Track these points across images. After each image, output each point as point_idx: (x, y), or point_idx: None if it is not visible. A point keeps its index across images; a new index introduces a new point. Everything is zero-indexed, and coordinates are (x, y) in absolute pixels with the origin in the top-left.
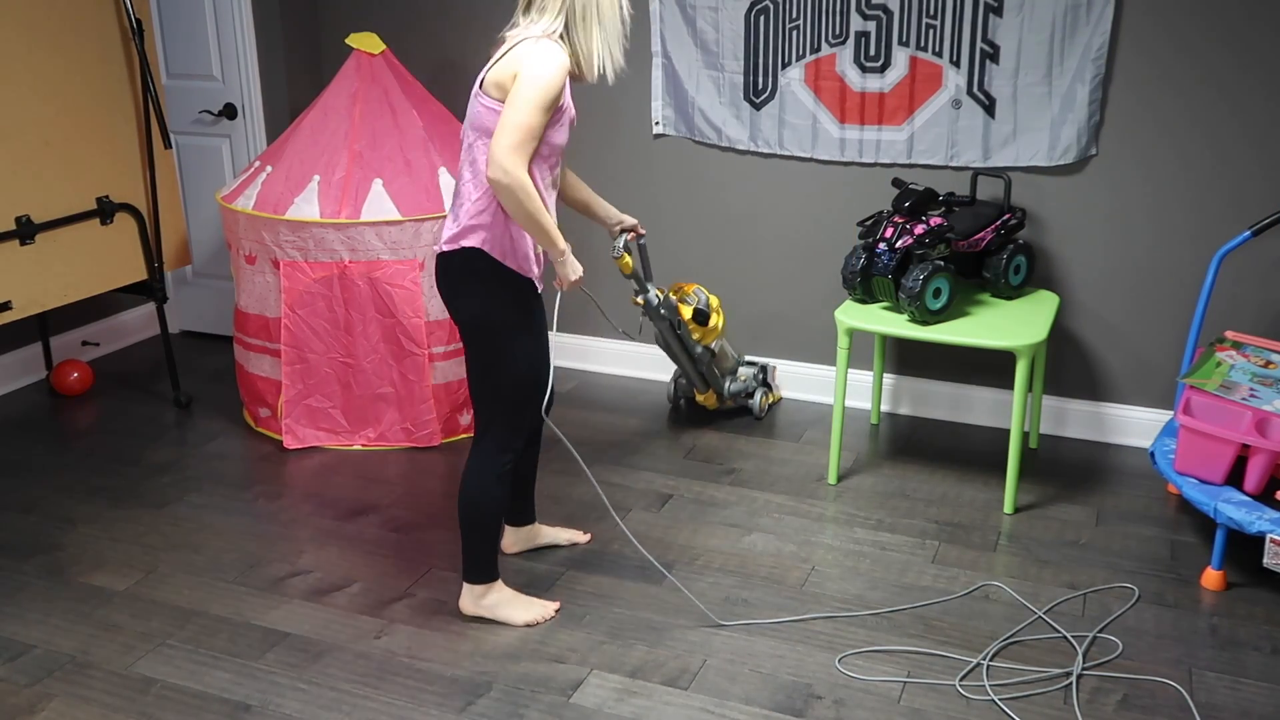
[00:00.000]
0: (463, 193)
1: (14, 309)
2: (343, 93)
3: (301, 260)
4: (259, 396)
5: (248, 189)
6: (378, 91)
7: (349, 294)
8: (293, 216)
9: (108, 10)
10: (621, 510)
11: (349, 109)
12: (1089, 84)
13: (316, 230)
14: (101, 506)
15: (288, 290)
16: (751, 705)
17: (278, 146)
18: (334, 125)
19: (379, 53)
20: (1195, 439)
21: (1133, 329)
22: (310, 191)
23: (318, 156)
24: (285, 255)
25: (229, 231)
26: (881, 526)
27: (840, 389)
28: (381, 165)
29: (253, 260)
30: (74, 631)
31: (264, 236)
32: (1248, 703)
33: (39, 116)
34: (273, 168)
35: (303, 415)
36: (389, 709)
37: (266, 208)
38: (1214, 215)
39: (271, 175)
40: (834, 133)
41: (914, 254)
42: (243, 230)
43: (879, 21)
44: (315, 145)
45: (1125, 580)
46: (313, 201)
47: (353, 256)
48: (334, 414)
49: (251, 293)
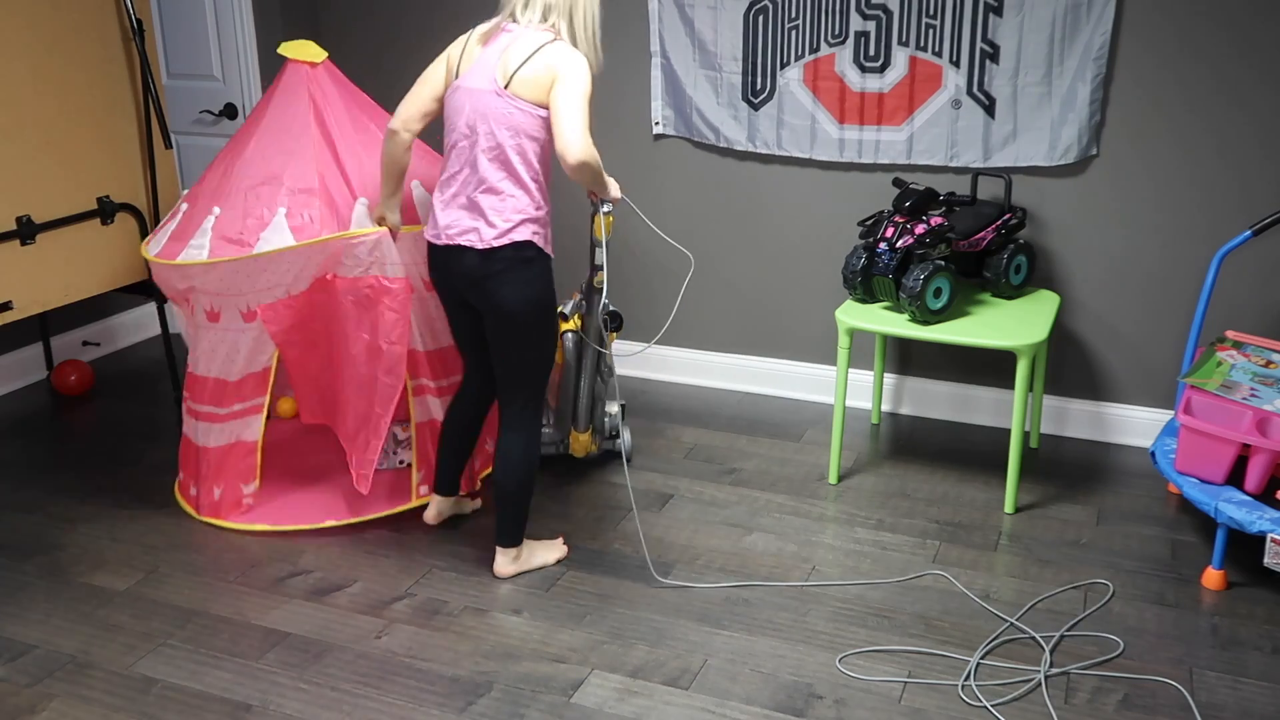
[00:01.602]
0: (501, 190)
1: (14, 309)
2: (290, 111)
3: (281, 299)
4: (214, 470)
5: (195, 237)
6: (336, 107)
7: (326, 304)
8: (263, 250)
9: (108, 10)
10: (622, 510)
11: (305, 127)
12: (1090, 84)
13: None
14: (102, 506)
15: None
16: (752, 705)
17: (215, 185)
18: (291, 146)
19: (320, 63)
20: (1196, 439)
21: (1133, 329)
22: (279, 222)
23: (274, 187)
24: (261, 300)
25: (169, 287)
26: (882, 526)
27: (841, 389)
28: (365, 185)
29: (216, 317)
30: (75, 631)
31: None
32: (1248, 702)
33: (40, 116)
34: (220, 209)
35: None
36: (389, 709)
37: (231, 251)
38: (1215, 215)
39: (222, 218)
40: (833, 133)
41: (915, 254)
42: (205, 283)
43: (878, 21)
44: (269, 176)
45: (1127, 579)
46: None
47: (332, 270)
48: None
49: (213, 355)
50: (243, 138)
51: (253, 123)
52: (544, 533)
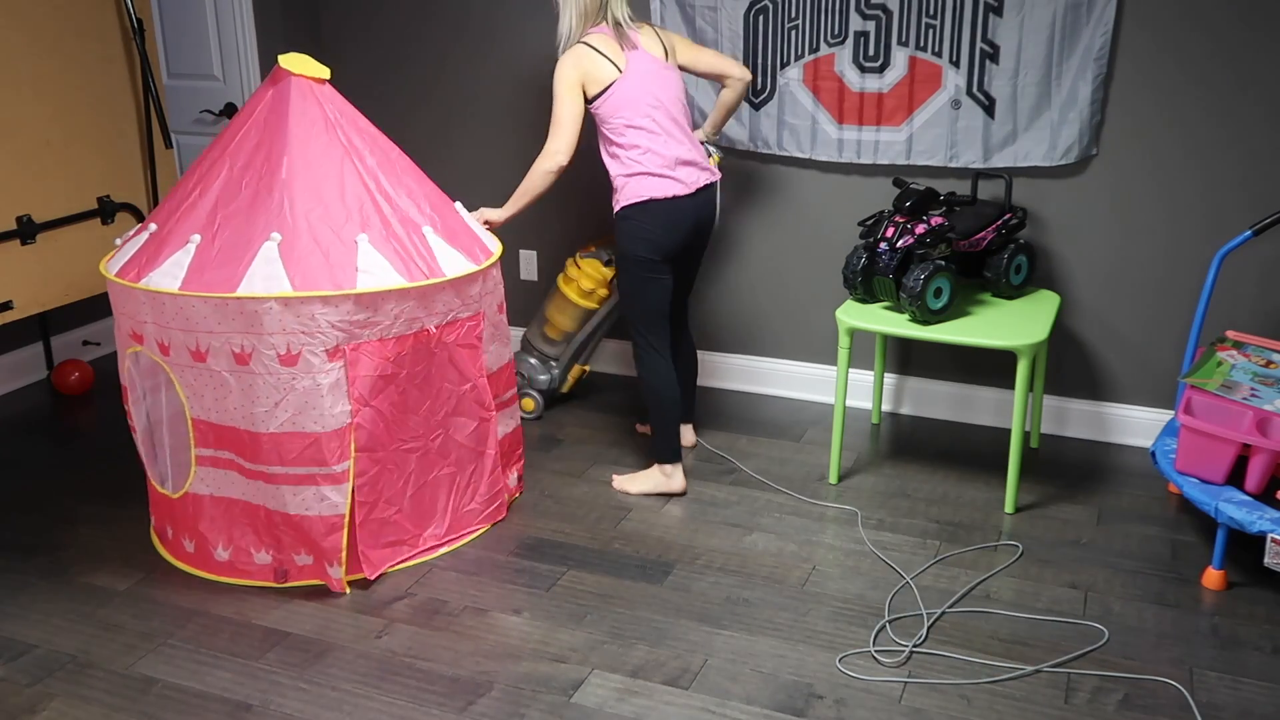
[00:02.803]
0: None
1: (15, 309)
2: (310, 128)
3: (374, 339)
4: (265, 532)
5: (245, 269)
6: (354, 124)
7: (422, 365)
8: (371, 288)
9: (109, 10)
10: (622, 510)
11: (327, 149)
12: (1090, 84)
13: (396, 296)
14: (102, 506)
15: (357, 380)
16: (752, 705)
17: (252, 210)
18: (331, 170)
19: (325, 80)
20: (1196, 439)
21: (1134, 328)
22: (365, 252)
23: (342, 211)
24: (354, 338)
25: (211, 326)
26: (883, 526)
27: (841, 388)
28: (429, 215)
29: (293, 360)
30: (75, 631)
31: (319, 321)
32: (1249, 702)
33: (40, 116)
34: (281, 235)
35: (374, 531)
36: (390, 709)
37: (309, 285)
38: (1215, 215)
39: (287, 243)
40: (833, 133)
41: (915, 253)
42: (275, 321)
43: (878, 21)
44: (323, 198)
45: (1128, 579)
46: (380, 263)
47: (434, 320)
48: (399, 520)
49: (285, 404)
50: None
51: (274, 139)
52: (545, 532)
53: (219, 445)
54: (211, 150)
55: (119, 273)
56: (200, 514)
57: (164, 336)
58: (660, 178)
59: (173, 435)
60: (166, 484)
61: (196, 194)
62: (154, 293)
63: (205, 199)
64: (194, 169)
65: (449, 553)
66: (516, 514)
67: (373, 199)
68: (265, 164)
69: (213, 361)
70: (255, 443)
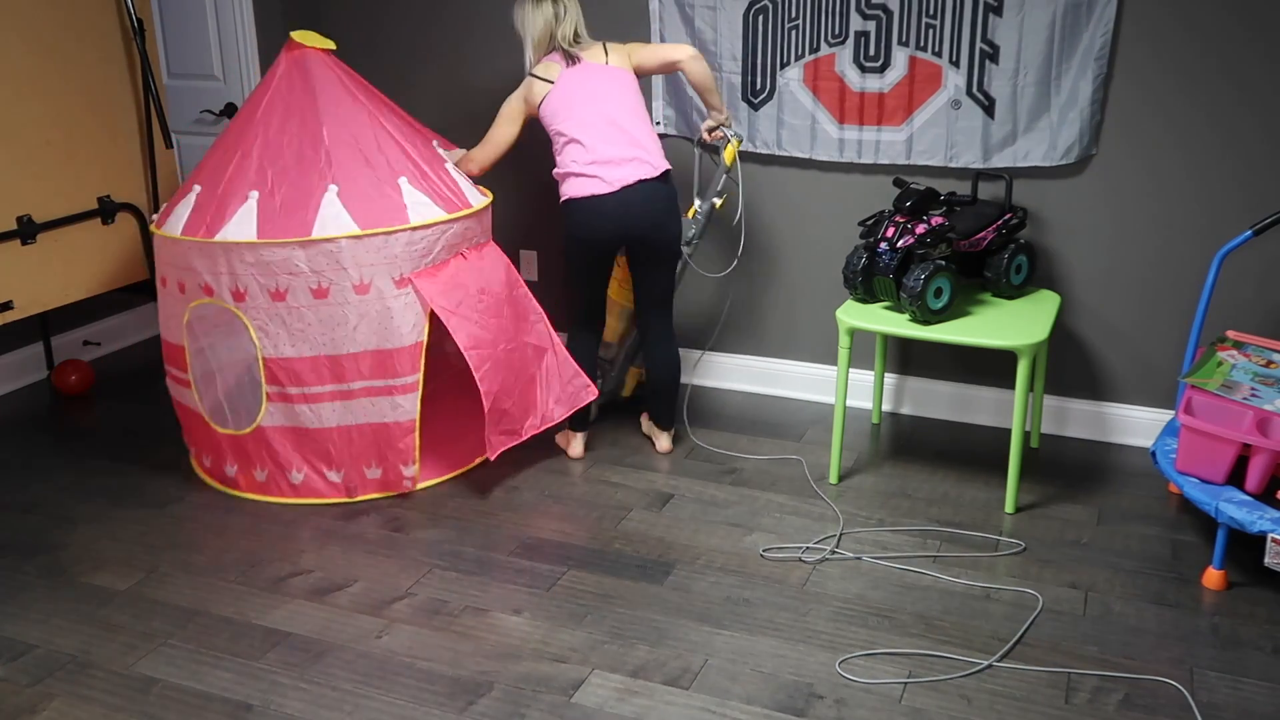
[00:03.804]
0: (652, 134)
1: (15, 309)
2: (334, 91)
3: (431, 264)
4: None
5: (315, 215)
6: (361, 88)
7: (477, 281)
8: (422, 221)
9: (109, 10)
10: (622, 510)
11: (355, 111)
12: (1091, 83)
13: (438, 228)
14: (103, 506)
15: (434, 296)
16: (753, 705)
17: (307, 166)
18: (354, 129)
19: (329, 49)
20: (1196, 438)
21: (1134, 328)
22: (408, 192)
23: (380, 159)
24: (417, 265)
25: (290, 267)
26: (883, 526)
27: (841, 388)
28: (441, 157)
29: (365, 289)
30: (75, 631)
31: (384, 253)
32: (1249, 702)
33: (40, 116)
34: (338, 185)
35: (496, 420)
36: (390, 709)
37: (372, 223)
38: (1215, 214)
39: (344, 191)
40: (833, 133)
41: (915, 253)
42: (365, 257)
43: (879, 21)
44: (361, 150)
45: (1128, 579)
46: (421, 199)
47: (466, 244)
48: (513, 411)
49: (361, 327)
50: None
51: (304, 104)
52: (545, 532)
53: (289, 382)
54: (240, 118)
55: (185, 231)
56: (273, 444)
57: (239, 284)
58: (581, 177)
59: (240, 377)
60: (229, 423)
61: (238, 156)
62: (232, 244)
63: (249, 160)
64: (225, 135)
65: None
66: (517, 514)
67: (400, 148)
68: (301, 126)
69: (291, 299)
70: (337, 365)
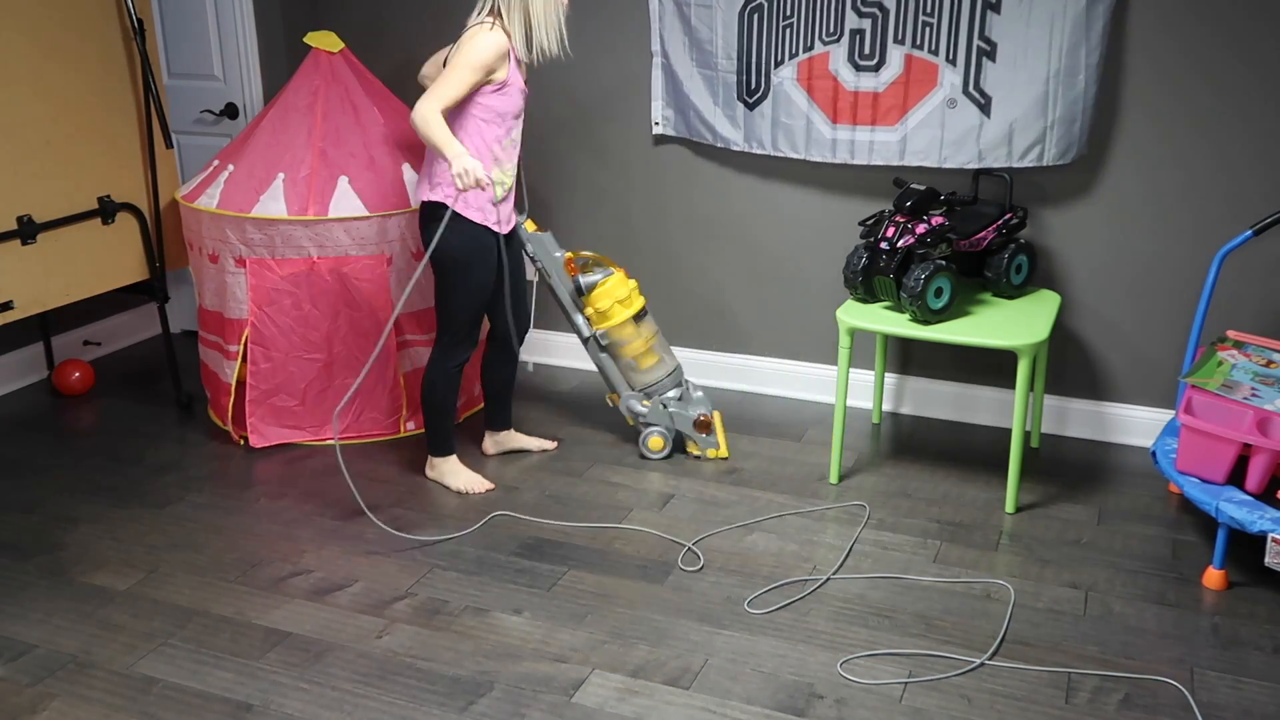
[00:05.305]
0: (429, 160)
1: (15, 308)
2: (303, 90)
3: (269, 257)
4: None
5: (209, 188)
6: (339, 90)
7: (316, 290)
8: (259, 214)
9: (109, 10)
10: (622, 510)
11: (310, 107)
12: (1090, 83)
13: (284, 227)
14: (103, 506)
15: (255, 288)
16: (753, 705)
17: (237, 145)
18: (296, 123)
19: (338, 51)
20: (1197, 438)
21: (1134, 328)
22: (276, 189)
23: (281, 154)
24: (252, 253)
25: (190, 231)
26: (883, 526)
27: (842, 388)
28: (346, 163)
29: (215, 259)
30: (75, 631)
31: (229, 234)
32: (1249, 702)
33: (40, 116)
34: (234, 166)
35: (268, 414)
36: (390, 708)
37: (231, 206)
38: (1215, 214)
39: (234, 174)
40: (827, 133)
41: (916, 253)
42: (206, 229)
43: (874, 19)
44: (278, 143)
45: (1128, 579)
46: (279, 199)
47: (320, 253)
48: (298, 411)
49: (213, 291)
50: (270, 115)
51: (280, 104)
52: (545, 532)
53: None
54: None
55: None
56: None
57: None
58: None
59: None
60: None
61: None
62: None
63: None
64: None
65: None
66: (517, 514)
67: (315, 147)
68: (263, 118)
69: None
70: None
